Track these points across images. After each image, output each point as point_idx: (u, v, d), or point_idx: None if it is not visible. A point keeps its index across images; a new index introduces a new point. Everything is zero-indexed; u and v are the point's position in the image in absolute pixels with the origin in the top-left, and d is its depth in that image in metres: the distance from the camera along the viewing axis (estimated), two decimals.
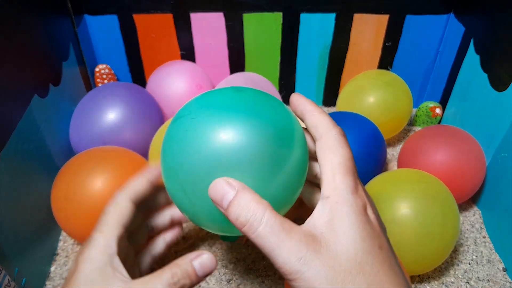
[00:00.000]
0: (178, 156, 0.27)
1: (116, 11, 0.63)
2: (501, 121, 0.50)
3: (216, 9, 0.64)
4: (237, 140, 0.26)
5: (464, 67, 0.60)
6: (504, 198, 0.49)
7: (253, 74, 0.64)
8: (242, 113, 0.27)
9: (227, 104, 0.27)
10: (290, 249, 0.24)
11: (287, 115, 0.29)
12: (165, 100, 0.63)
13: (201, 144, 0.26)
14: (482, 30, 0.56)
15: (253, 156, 0.26)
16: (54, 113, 0.53)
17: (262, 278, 0.48)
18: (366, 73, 0.66)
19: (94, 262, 0.29)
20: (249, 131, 0.26)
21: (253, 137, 0.26)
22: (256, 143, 0.26)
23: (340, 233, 0.25)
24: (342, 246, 0.24)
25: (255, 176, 0.26)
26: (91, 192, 0.44)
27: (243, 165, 0.26)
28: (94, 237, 0.31)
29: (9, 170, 0.41)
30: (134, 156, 0.50)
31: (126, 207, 0.33)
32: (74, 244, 0.52)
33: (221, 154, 0.26)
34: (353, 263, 0.24)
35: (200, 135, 0.26)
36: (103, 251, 0.30)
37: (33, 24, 0.50)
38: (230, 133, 0.26)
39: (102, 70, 0.67)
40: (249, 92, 0.29)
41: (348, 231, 0.25)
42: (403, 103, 0.62)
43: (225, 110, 0.27)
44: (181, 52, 0.69)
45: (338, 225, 0.25)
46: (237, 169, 0.26)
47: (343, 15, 0.64)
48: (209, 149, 0.26)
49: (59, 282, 0.47)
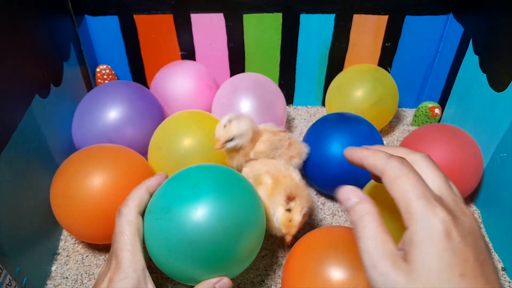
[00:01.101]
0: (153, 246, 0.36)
1: (116, 11, 0.64)
2: (500, 121, 0.50)
3: (216, 9, 0.64)
4: (188, 233, 0.34)
5: (463, 68, 0.61)
6: (503, 198, 0.50)
7: (258, 75, 0.64)
8: (196, 208, 0.35)
9: (183, 201, 0.35)
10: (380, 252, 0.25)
11: (246, 204, 0.38)
12: (171, 99, 0.63)
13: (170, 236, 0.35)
14: (481, 30, 0.56)
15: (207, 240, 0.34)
16: (55, 113, 0.53)
17: (262, 277, 0.48)
18: (353, 67, 0.67)
19: (130, 279, 0.33)
20: (198, 224, 0.34)
21: (201, 227, 0.34)
22: (204, 233, 0.34)
23: (417, 267, 0.24)
24: (420, 276, 0.24)
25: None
26: (89, 189, 0.44)
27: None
28: (121, 256, 0.34)
29: (10, 170, 0.41)
30: (132, 154, 0.50)
31: (138, 222, 0.36)
32: (75, 243, 0.52)
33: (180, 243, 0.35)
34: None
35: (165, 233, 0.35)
36: (136, 268, 0.33)
37: (34, 25, 0.50)
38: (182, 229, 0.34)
39: (103, 71, 0.68)
40: (204, 190, 0.36)
41: (423, 264, 0.24)
42: (389, 96, 0.63)
43: (181, 206, 0.35)
44: (182, 53, 0.69)
45: (415, 258, 0.24)
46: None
47: (342, 15, 0.64)
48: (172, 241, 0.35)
49: (60, 282, 0.47)
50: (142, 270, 0.34)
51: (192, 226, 0.34)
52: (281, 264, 0.49)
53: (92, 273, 0.48)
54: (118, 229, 0.35)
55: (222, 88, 0.63)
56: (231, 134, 0.46)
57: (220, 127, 0.47)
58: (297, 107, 0.76)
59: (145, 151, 0.55)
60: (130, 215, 0.36)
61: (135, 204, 0.37)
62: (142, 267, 0.34)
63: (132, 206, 0.36)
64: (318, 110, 0.75)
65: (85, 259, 0.50)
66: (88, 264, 0.49)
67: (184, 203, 0.35)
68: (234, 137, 0.46)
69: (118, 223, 0.36)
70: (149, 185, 0.38)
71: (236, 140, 0.46)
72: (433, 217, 0.25)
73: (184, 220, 0.34)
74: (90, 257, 0.50)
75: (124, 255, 0.34)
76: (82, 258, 0.50)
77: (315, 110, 0.75)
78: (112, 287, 0.32)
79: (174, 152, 0.50)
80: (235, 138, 0.46)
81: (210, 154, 0.50)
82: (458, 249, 0.24)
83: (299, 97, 0.75)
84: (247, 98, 0.59)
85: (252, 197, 0.39)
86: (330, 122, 0.55)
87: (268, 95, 0.61)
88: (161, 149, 0.51)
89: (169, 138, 0.52)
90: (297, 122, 0.72)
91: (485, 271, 0.25)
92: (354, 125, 0.54)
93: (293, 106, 0.76)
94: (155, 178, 0.39)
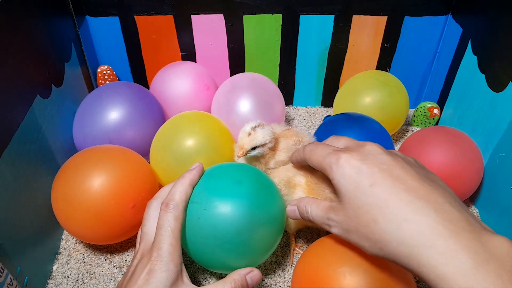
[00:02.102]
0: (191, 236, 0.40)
1: (117, 12, 0.64)
2: (499, 122, 0.51)
3: (216, 10, 0.64)
4: (235, 224, 0.38)
5: (462, 68, 0.61)
6: (502, 198, 0.50)
7: (257, 75, 0.64)
8: (240, 202, 0.38)
9: (229, 195, 0.39)
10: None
11: (275, 201, 0.42)
12: (170, 100, 0.64)
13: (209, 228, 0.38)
14: (480, 31, 0.56)
15: (246, 236, 0.38)
16: (56, 114, 0.54)
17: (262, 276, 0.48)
18: (362, 74, 0.67)
19: (170, 272, 0.34)
20: (243, 217, 0.38)
21: (246, 220, 0.38)
22: (248, 225, 0.38)
23: (345, 200, 0.33)
24: (349, 205, 0.32)
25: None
26: (90, 191, 0.44)
27: (235, 241, 0.38)
28: (164, 249, 0.35)
29: (12, 170, 0.42)
30: (132, 155, 0.50)
31: (183, 218, 0.38)
32: (76, 243, 0.52)
33: (221, 235, 0.38)
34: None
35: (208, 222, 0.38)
36: (176, 263, 0.35)
37: (35, 26, 0.50)
38: (229, 219, 0.38)
39: (104, 71, 0.68)
40: (246, 184, 0.40)
41: (346, 195, 0.33)
42: (400, 103, 0.62)
43: (226, 200, 0.38)
44: (182, 53, 0.69)
45: (342, 196, 0.33)
46: (232, 243, 0.38)
47: (342, 16, 0.64)
48: (212, 232, 0.38)
49: (61, 281, 0.48)
50: (180, 264, 0.36)
51: (236, 217, 0.38)
52: (281, 264, 0.49)
53: (93, 272, 0.49)
54: (164, 223, 0.36)
55: (221, 87, 0.64)
56: (256, 142, 0.45)
57: (245, 135, 0.45)
58: (296, 107, 0.76)
59: (146, 152, 0.56)
60: (177, 211, 0.37)
61: (183, 199, 0.38)
62: (181, 261, 0.36)
63: (179, 201, 0.38)
64: (317, 110, 0.75)
65: (86, 258, 0.50)
66: (89, 264, 0.50)
67: (227, 196, 0.39)
68: (258, 145, 0.45)
69: (165, 217, 0.37)
70: (193, 179, 0.40)
71: (260, 149, 0.45)
72: (338, 160, 0.33)
73: (227, 212, 0.38)
74: (91, 257, 0.51)
75: (167, 249, 0.35)
76: (83, 257, 0.50)
77: (315, 110, 0.75)
78: (153, 278, 0.33)
79: (177, 151, 0.50)
80: (259, 147, 0.45)
81: (213, 154, 0.50)
82: (362, 168, 0.32)
83: (298, 98, 0.75)
84: (246, 97, 0.59)
85: (278, 194, 0.43)
86: (339, 123, 0.55)
87: (267, 95, 0.61)
88: (164, 149, 0.51)
89: (173, 138, 0.52)
90: (296, 122, 0.73)
91: (396, 175, 0.31)
92: (365, 124, 0.54)
93: (292, 107, 0.76)
94: (196, 171, 0.41)
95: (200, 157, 0.49)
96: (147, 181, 0.48)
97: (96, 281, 0.48)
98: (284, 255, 0.50)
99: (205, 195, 0.39)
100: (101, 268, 0.49)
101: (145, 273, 0.34)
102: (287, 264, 0.49)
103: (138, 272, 0.35)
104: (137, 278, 0.34)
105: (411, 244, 0.27)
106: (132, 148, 0.52)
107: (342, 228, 0.33)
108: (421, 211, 0.28)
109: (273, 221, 0.41)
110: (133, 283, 0.34)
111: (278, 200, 0.42)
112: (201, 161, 0.43)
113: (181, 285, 0.35)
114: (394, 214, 0.29)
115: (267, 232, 0.40)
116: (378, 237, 0.30)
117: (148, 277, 0.33)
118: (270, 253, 0.43)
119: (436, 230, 0.27)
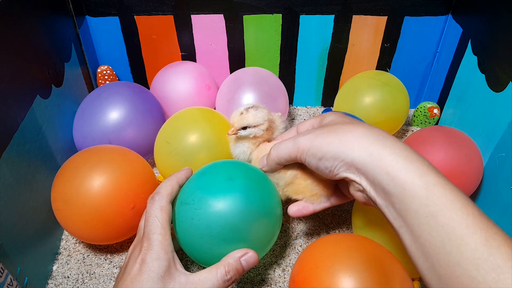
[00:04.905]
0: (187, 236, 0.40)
1: (117, 12, 0.64)
2: (499, 121, 0.51)
3: (216, 10, 0.64)
4: (230, 221, 0.38)
5: (462, 68, 0.61)
6: (502, 198, 0.50)
7: (259, 69, 0.64)
8: (233, 199, 0.39)
9: (221, 193, 0.39)
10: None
11: (269, 195, 0.42)
12: (170, 100, 0.64)
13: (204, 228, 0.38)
14: (480, 31, 0.56)
15: (242, 229, 0.38)
16: (56, 114, 0.54)
17: (262, 276, 0.48)
18: (363, 74, 0.67)
19: (161, 260, 0.34)
20: (237, 212, 0.38)
21: (240, 215, 0.38)
22: (243, 220, 0.38)
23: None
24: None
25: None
26: (90, 191, 0.44)
27: (234, 238, 0.38)
28: (153, 238, 0.36)
29: (12, 170, 0.42)
30: (132, 155, 0.50)
31: (169, 209, 0.38)
32: (76, 243, 0.52)
33: (218, 232, 0.38)
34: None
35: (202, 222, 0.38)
36: (166, 250, 0.35)
37: (35, 26, 0.50)
38: (223, 217, 0.38)
39: (104, 71, 0.68)
40: (238, 180, 0.40)
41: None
42: (400, 103, 0.63)
43: (219, 198, 0.38)
44: (182, 53, 0.69)
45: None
46: (231, 242, 0.38)
47: (342, 16, 0.64)
48: (208, 231, 0.38)
49: (61, 281, 0.48)
50: (171, 252, 0.36)
51: (230, 213, 0.38)
52: (280, 263, 0.49)
53: (93, 272, 0.49)
54: (151, 214, 0.37)
55: (225, 82, 0.64)
56: (245, 122, 0.45)
57: (237, 114, 0.46)
58: (296, 107, 0.76)
59: (146, 152, 0.56)
60: (162, 202, 0.38)
61: (168, 192, 0.39)
62: (172, 250, 0.36)
63: (165, 194, 0.39)
64: (317, 110, 0.75)
65: (86, 258, 0.50)
66: (89, 264, 0.50)
67: (220, 193, 0.39)
68: (249, 125, 0.45)
69: (151, 208, 0.37)
70: (179, 178, 0.41)
71: (250, 130, 0.45)
72: (299, 144, 0.38)
73: (222, 209, 0.38)
74: (91, 257, 0.51)
75: (156, 238, 0.35)
76: (83, 257, 0.50)
77: (315, 110, 0.75)
78: (145, 267, 0.34)
79: (182, 147, 0.50)
80: (249, 128, 0.45)
81: (217, 150, 0.50)
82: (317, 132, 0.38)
83: (298, 98, 0.75)
84: (250, 92, 0.60)
85: (272, 187, 0.43)
86: None
87: (270, 89, 0.61)
88: (169, 144, 0.51)
89: (177, 133, 0.52)
90: (296, 123, 0.73)
91: (351, 120, 0.38)
92: None
93: (292, 106, 0.76)
94: (184, 172, 0.42)
95: (205, 152, 0.50)
96: (147, 181, 0.48)
97: (96, 281, 0.48)
98: (284, 255, 0.50)
99: (197, 195, 0.39)
100: (101, 268, 0.49)
101: (137, 264, 0.34)
102: (287, 264, 0.49)
103: (131, 263, 0.35)
104: (130, 269, 0.35)
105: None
106: (132, 148, 0.52)
107: (309, 139, 0.37)
108: (371, 142, 0.34)
109: (269, 215, 0.41)
110: (127, 274, 0.34)
111: (273, 193, 0.42)
112: (205, 156, 0.44)
113: (174, 272, 0.35)
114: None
115: (263, 226, 0.40)
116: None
117: (141, 267, 0.34)
118: (269, 247, 0.43)
119: (377, 150, 0.33)
